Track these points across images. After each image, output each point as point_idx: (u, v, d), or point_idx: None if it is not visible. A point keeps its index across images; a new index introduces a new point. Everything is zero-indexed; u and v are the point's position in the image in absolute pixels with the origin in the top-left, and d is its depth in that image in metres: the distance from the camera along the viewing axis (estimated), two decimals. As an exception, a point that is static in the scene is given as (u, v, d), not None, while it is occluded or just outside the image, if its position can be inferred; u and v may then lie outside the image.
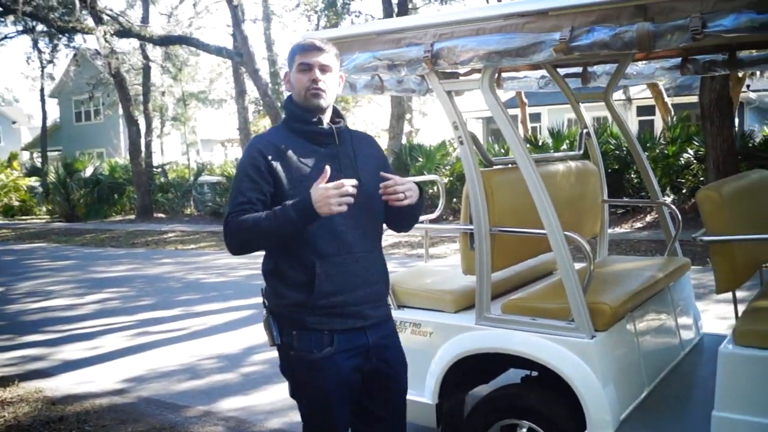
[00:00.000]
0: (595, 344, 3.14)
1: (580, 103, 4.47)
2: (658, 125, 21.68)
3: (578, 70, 4.66)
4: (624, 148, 15.19)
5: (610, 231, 12.74)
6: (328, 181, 2.50)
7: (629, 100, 26.24)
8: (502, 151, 17.04)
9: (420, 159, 18.33)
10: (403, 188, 2.62)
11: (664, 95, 19.72)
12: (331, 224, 2.62)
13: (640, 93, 25.70)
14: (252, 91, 26.79)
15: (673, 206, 4.57)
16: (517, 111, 24.62)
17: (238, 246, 2.65)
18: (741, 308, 3.34)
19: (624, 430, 3.13)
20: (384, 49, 3.42)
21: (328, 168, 2.54)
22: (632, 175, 14.91)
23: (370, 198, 2.72)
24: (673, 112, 19.08)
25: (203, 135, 41.06)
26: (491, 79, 3.30)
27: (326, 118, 2.75)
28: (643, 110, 27.65)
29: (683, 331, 4.14)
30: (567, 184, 4.11)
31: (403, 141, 21.22)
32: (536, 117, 28.79)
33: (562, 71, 4.55)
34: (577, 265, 3.28)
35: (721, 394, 2.89)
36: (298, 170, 2.65)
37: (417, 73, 3.45)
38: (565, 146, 16.01)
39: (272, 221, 2.54)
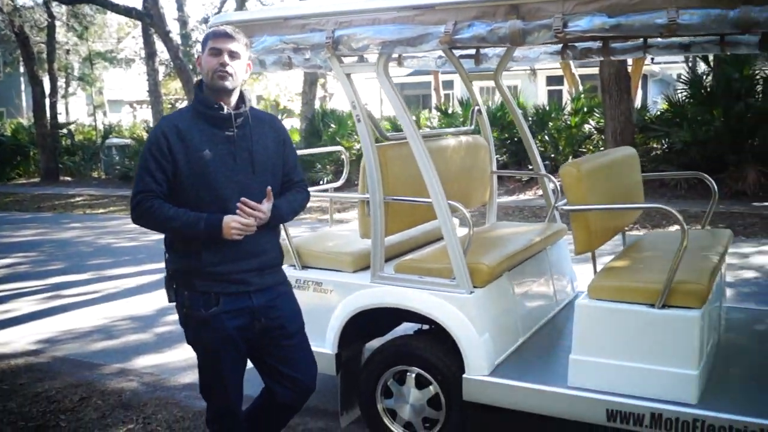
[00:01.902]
0: (474, 299, 3.62)
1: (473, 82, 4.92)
2: (567, 96, 22.51)
3: (472, 51, 5.08)
4: (530, 119, 15.91)
5: (514, 198, 13.47)
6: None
7: (534, 72, 27.01)
8: (413, 118, 17.41)
9: (332, 125, 18.57)
10: (254, 216, 2.93)
11: (572, 66, 20.46)
12: (222, 202, 2.96)
13: (550, 62, 26.42)
14: (162, 52, 26.29)
15: (552, 177, 5.07)
16: (431, 78, 25.11)
17: (143, 225, 3.01)
18: None
19: (498, 373, 3.61)
20: (290, 33, 3.77)
21: (243, 204, 2.89)
22: (537, 145, 15.56)
23: (262, 178, 3.06)
24: (580, 83, 19.84)
25: (111, 96, 40.07)
26: (386, 64, 3.70)
27: (233, 102, 3.05)
28: (552, 80, 28.57)
29: (558, 289, 4.67)
30: (457, 157, 4.56)
31: (317, 106, 21.38)
32: (449, 84, 29.38)
33: (457, 52, 4.96)
34: (475, 230, 3.73)
35: (577, 340, 3.42)
36: (197, 152, 2.95)
37: (320, 57, 3.82)
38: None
39: (182, 224, 2.91)
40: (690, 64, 17.66)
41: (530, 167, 5.20)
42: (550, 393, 3.44)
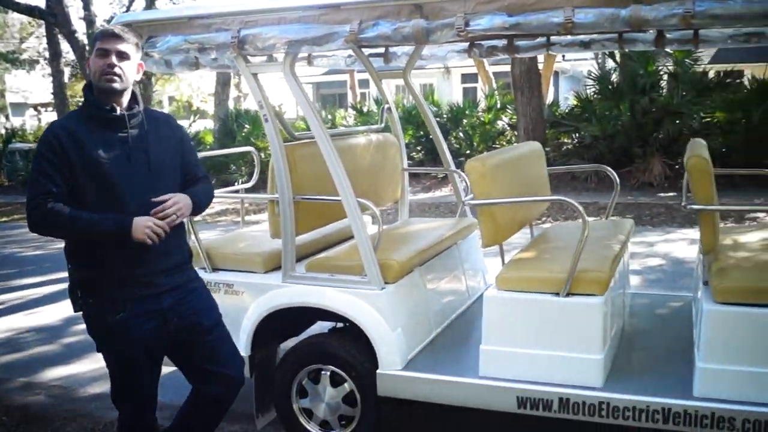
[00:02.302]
0: (385, 295, 3.66)
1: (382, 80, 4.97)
2: (482, 93, 22.87)
3: (382, 50, 5.12)
4: (444, 116, 16.15)
5: (430, 195, 13.61)
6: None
7: (448, 70, 27.37)
8: (329, 117, 17.49)
9: (247, 126, 18.36)
10: (173, 209, 2.92)
11: (486, 64, 20.80)
12: (120, 204, 2.89)
13: (465, 60, 26.83)
14: (68, 53, 25.41)
15: (462, 172, 5.14)
16: (347, 77, 25.14)
17: (43, 231, 2.91)
18: None
19: (411, 367, 3.66)
20: (195, 33, 3.72)
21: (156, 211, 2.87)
22: (452, 141, 15.85)
23: (160, 178, 3.01)
24: (494, 81, 20.22)
25: (13, 99, 38.59)
26: (292, 64, 3.70)
27: (124, 102, 2.98)
28: (467, 78, 29.01)
29: (470, 282, 4.76)
30: (368, 155, 4.60)
31: (231, 107, 21.11)
32: (365, 83, 29.45)
33: (367, 51, 4.99)
34: (386, 227, 3.76)
35: (486, 331, 3.51)
36: (91, 154, 2.86)
37: (226, 56, 3.79)
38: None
39: (87, 225, 2.82)
40: (599, 61, 18.22)
41: (461, 160, 5.26)
42: (462, 384, 3.52)
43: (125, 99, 2.99)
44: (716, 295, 3.25)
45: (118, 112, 2.94)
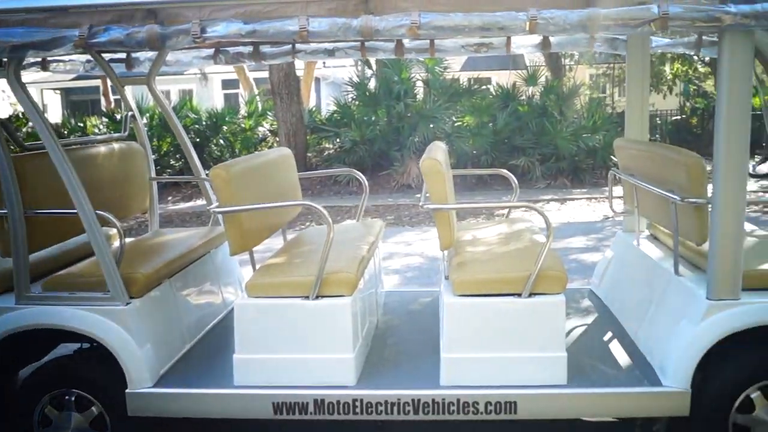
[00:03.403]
0: (130, 310, 3.52)
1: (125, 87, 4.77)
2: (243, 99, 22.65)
3: (123, 55, 4.91)
4: (204, 123, 15.84)
5: (191, 204, 13.27)
6: None
7: (205, 75, 26.84)
8: (79, 125, 16.52)
9: None
10: None
11: (246, 69, 20.63)
12: None
13: (225, 66, 26.36)
14: None
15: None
16: (99, 82, 23.87)
17: None
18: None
19: (163, 383, 3.55)
20: None
21: None
22: (213, 149, 15.60)
23: None
24: (255, 86, 20.13)
25: None
26: (17, 70, 3.43)
27: None
28: (228, 84, 28.61)
29: (225, 292, 4.71)
30: (110, 165, 4.39)
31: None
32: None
33: (107, 56, 4.76)
34: (134, 239, 3.57)
35: (238, 339, 3.50)
36: None
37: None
38: (145, 120, 16.04)
39: None
40: (358, 68, 18.80)
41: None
42: (216, 395, 3.48)
43: None
44: (455, 288, 3.47)
45: None
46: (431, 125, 14.30)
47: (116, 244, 3.71)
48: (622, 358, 3.73)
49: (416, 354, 3.87)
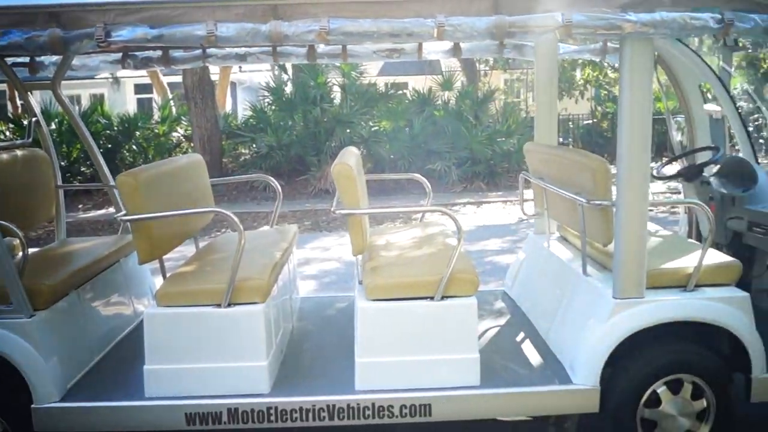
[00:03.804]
0: (35, 323, 3.40)
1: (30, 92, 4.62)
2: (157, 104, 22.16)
3: (27, 59, 4.75)
4: (116, 128, 15.45)
5: (104, 212, 12.90)
6: None
7: (117, 80, 26.18)
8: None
9: None
10: None
11: (160, 74, 20.22)
12: None
13: (138, 70, 25.75)
14: None
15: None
16: (5, 87, 22.94)
17: None
18: None
19: (71, 398, 3.45)
20: None
21: None
22: (126, 155, 15.23)
23: None
24: (169, 91, 19.74)
25: None
26: None
27: None
28: (141, 88, 27.97)
29: (137, 301, 4.60)
30: (12, 173, 4.23)
31: None
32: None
33: (10, 60, 4.60)
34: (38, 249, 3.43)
35: (148, 350, 3.43)
36: None
37: None
38: (54, 126, 15.52)
39: None
40: (275, 73, 18.68)
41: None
42: (126, 408, 3.40)
43: None
44: (368, 293, 3.49)
45: None
46: (348, 130, 14.32)
47: (20, 254, 3.57)
48: (534, 357, 3.82)
49: (331, 359, 3.87)
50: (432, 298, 3.45)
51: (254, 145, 14.88)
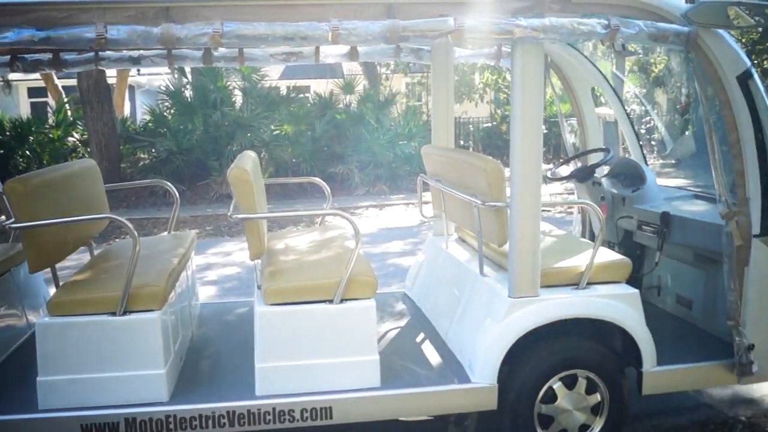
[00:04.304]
0: None
1: None
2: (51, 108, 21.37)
3: None
4: (7, 133, 14.86)
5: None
6: None
7: (8, 83, 25.12)
8: None
9: None
10: None
11: (54, 77, 19.46)
12: None
13: (31, 74, 24.83)
14: None
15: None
16: None
17: None
18: None
19: None
20: None
21: None
22: (19, 160, 14.66)
23: None
24: (64, 95, 19.04)
25: None
26: None
27: None
28: (34, 92, 26.93)
29: (30, 312, 4.45)
30: None
31: None
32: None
33: None
34: None
35: (41, 361, 3.34)
36: None
37: None
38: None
39: None
40: (175, 76, 18.31)
41: None
42: (20, 421, 3.29)
43: None
44: (267, 298, 3.49)
45: None
46: (249, 134, 14.21)
47: None
48: (434, 357, 3.89)
49: (232, 365, 3.85)
50: (331, 302, 3.48)
51: (154, 150, 14.57)
